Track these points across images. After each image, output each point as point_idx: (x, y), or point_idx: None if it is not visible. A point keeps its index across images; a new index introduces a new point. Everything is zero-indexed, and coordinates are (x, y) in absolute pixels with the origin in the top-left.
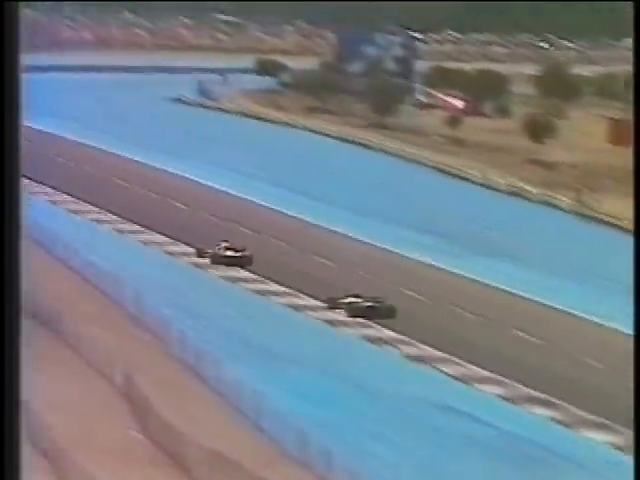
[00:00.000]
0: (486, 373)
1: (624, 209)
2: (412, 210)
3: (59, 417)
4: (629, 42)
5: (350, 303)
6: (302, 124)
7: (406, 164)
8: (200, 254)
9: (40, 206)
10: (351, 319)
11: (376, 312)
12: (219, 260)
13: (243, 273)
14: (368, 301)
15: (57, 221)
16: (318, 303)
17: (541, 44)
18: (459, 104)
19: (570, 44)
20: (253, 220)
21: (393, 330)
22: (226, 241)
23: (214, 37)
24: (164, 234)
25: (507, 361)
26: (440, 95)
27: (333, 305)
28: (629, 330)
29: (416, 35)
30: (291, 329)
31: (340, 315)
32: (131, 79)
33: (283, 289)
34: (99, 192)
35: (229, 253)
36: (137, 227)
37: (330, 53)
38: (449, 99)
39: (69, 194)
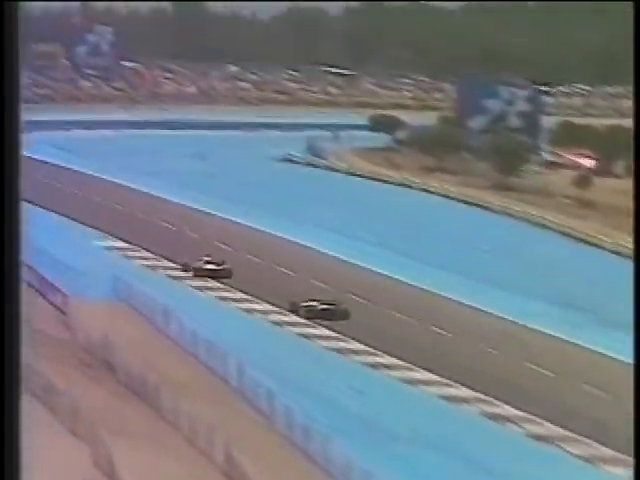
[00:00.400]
0: (614, 453)
1: None
2: (537, 278)
3: None
4: None
5: (307, 306)
6: (419, 184)
7: (531, 228)
8: (185, 269)
9: (138, 271)
10: (472, 395)
11: (330, 314)
12: (201, 273)
13: (354, 344)
14: (324, 304)
15: (155, 287)
16: (435, 377)
17: None
18: (588, 163)
19: None
20: (365, 288)
21: (519, 409)
22: (208, 255)
23: (324, 91)
24: (269, 302)
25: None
26: (568, 153)
27: (293, 308)
28: None
29: (542, 88)
30: (404, 404)
31: (461, 391)
32: (235, 136)
33: (396, 361)
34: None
35: (210, 266)
36: (241, 295)
37: (450, 107)
38: (577, 158)
39: (169, 259)
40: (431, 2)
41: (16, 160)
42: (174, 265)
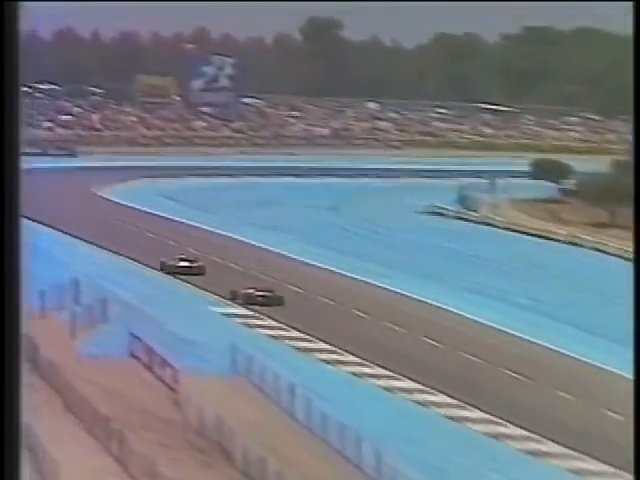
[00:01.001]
0: None
1: None
2: None
3: None
4: None
5: (246, 294)
6: (589, 242)
7: None
8: (162, 268)
9: (260, 343)
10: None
11: (267, 300)
12: (175, 270)
13: (512, 429)
14: (260, 291)
15: (280, 361)
16: (605, 468)
17: None
18: None
19: None
20: (519, 362)
21: None
22: (182, 253)
23: (478, 131)
24: (410, 378)
25: None
26: None
27: (234, 296)
28: None
29: None
30: None
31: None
32: (373, 184)
33: (564, 450)
34: (334, 326)
35: (184, 264)
36: (381, 371)
37: (625, 151)
38: None
39: (295, 328)
40: (601, 27)
41: (16, 168)
42: (302, 336)
